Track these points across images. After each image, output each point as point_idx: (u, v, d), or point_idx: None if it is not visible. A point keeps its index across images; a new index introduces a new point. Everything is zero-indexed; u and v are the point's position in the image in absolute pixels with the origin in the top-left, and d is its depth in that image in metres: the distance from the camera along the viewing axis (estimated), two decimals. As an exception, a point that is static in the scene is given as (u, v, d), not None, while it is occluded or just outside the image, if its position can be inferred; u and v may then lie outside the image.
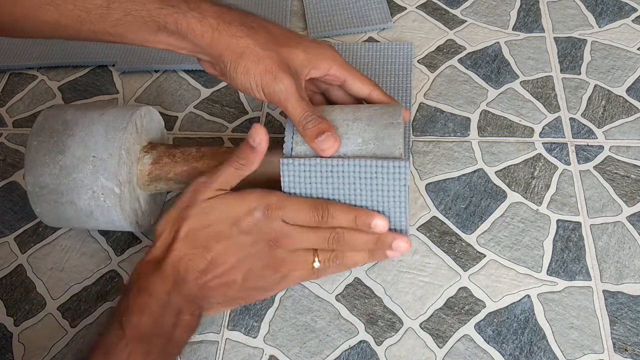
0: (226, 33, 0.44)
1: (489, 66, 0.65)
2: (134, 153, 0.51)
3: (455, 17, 0.70)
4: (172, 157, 0.51)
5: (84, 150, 0.48)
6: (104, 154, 0.48)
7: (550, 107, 0.61)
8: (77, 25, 0.43)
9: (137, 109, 0.51)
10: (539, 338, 0.48)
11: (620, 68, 0.64)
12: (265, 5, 0.73)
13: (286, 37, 0.47)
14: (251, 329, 0.50)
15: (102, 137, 0.48)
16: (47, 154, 0.49)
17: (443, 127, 0.61)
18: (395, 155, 0.44)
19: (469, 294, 0.51)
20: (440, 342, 0.48)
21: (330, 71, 0.47)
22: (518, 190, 0.56)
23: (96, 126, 0.49)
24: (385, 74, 0.64)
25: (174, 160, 0.51)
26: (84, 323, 0.51)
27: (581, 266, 0.51)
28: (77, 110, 0.51)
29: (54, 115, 0.51)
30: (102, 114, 0.50)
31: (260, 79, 0.44)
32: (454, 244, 0.53)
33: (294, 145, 0.46)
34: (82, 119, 0.50)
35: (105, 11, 0.43)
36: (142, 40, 0.45)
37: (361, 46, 0.67)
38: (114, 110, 0.51)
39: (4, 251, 0.56)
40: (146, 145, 0.52)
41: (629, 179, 0.56)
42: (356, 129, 0.45)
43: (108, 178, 0.48)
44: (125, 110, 0.51)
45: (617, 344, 0.47)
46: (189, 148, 0.52)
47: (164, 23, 0.43)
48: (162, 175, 0.50)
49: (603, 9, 0.69)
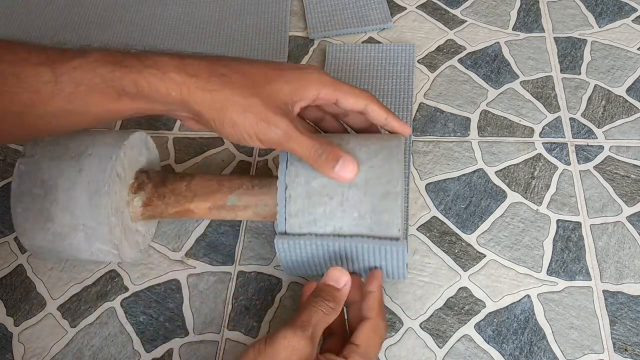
0: (196, 87, 0.39)
1: (489, 66, 0.65)
2: (123, 201, 0.48)
3: (455, 17, 0.70)
4: (162, 198, 0.49)
5: (71, 218, 0.46)
6: (92, 223, 0.46)
7: (550, 107, 0.61)
8: (29, 109, 0.38)
9: (117, 157, 0.47)
10: (539, 338, 0.48)
11: (620, 68, 0.64)
12: (265, 5, 0.73)
13: (263, 74, 0.42)
14: (251, 329, 0.50)
15: (86, 204, 0.46)
16: (35, 221, 0.47)
17: (443, 127, 0.61)
18: (393, 234, 0.43)
19: (469, 294, 0.51)
20: (440, 342, 0.48)
21: (319, 95, 0.44)
22: (518, 190, 0.56)
23: (77, 190, 0.46)
24: (386, 75, 0.64)
25: (164, 202, 0.49)
26: (84, 323, 0.52)
27: (581, 266, 0.51)
28: (52, 164, 0.47)
29: (29, 174, 0.47)
30: (80, 170, 0.46)
31: (252, 129, 0.40)
32: (454, 244, 0.53)
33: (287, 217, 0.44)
34: (60, 179, 0.46)
35: (55, 87, 0.37)
36: (106, 110, 0.40)
37: (362, 47, 0.67)
38: (92, 162, 0.47)
39: (4, 251, 0.56)
40: (133, 183, 0.50)
41: (629, 179, 0.56)
42: (352, 199, 0.43)
43: (103, 242, 0.47)
44: (105, 160, 0.47)
45: (617, 344, 0.47)
46: (177, 184, 0.49)
47: (121, 87, 0.38)
48: (156, 215, 0.50)
49: (603, 9, 0.69)
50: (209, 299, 0.52)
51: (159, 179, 0.50)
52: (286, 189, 0.44)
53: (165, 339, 0.50)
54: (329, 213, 0.44)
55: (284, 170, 0.45)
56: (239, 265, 0.54)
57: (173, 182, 0.50)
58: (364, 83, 0.64)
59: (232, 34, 0.70)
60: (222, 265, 0.54)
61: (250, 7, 0.73)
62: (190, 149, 0.62)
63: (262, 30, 0.70)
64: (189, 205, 0.49)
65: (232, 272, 0.53)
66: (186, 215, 0.50)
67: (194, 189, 0.49)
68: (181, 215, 0.50)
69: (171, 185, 0.50)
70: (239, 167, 0.60)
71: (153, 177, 0.50)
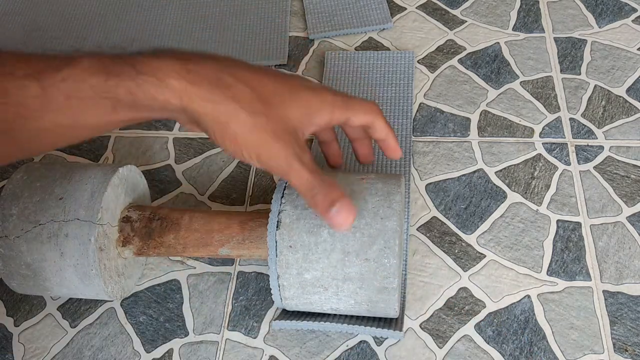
0: (198, 98, 0.36)
1: (489, 66, 0.65)
2: (114, 260, 0.48)
3: (455, 18, 0.70)
4: (153, 249, 0.48)
5: (67, 291, 0.47)
6: (90, 293, 0.47)
7: (550, 108, 0.61)
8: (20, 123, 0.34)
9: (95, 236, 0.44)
10: (539, 338, 0.48)
11: (620, 68, 0.64)
12: (265, 6, 0.73)
13: (273, 90, 0.38)
14: (251, 329, 0.50)
15: (79, 284, 0.46)
16: (32, 291, 0.48)
17: (443, 128, 0.61)
18: (391, 315, 0.45)
19: (469, 294, 0.51)
20: (440, 343, 0.48)
21: (332, 121, 0.41)
22: (518, 191, 0.56)
23: (66, 273, 0.45)
24: (385, 83, 0.64)
25: (156, 252, 0.48)
26: (84, 323, 0.52)
27: (581, 266, 0.51)
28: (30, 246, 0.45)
29: (11, 258, 0.45)
30: (62, 254, 0.45)
31: (254, 150, 0.37)
32: (454, 244, 0.53)
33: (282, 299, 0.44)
34: (45, 262, 0.45)
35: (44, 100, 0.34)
36: (103, 122, 0.36)
37: (361, 55, 0.67)
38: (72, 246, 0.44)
39: (4, 251, 0.56)
40: (118, 237, 0.48)
41: (629, 179, 0.56)
42: (347, 291, 0.42)
43: (104, 298, 0.48)
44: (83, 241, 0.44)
45: (617, 344, 0.47)
46: (165, 236, 0.47)
47: (115, 97, 0.35)
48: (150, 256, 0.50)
49: (603, 9, 0.69)
50: (209, 299, 0.52)
51: (145, 231, 0.48)
52: (278, 277, 0.43)
53: (165, 339, 0.50)
54: (324, 299, 0.44)
55: (274, 259, 0.43)
56: (239, 266, 0.54)
57: (160, 234, 0.48)
58: (363, 90, 0.63)
59: (232, 34, 0.70)
60: (222, 266, 0.54)
61: (250, 7, 0.73)
62: (190, 149, 0.62)
63: (262, 30, 0.70)
64: (183, 254, 0.49)
65: (232, 273, 0.53)
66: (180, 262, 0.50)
67: (182, 241, 0.47)
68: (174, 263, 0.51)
69: (159, 238, 0.48)
70: (239, 167, 0.60)
71: (138, 228, 0.48)
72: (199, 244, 0.47)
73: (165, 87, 0.35)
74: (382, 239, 0.41)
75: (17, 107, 0.33)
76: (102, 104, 0.35)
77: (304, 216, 0.42)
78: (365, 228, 0.42)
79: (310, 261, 0.42)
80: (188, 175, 0.60)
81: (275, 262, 0.43)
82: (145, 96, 0.35)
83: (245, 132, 0.36)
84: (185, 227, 0.48)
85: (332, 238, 0.42)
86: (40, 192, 0.46)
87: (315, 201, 0.38)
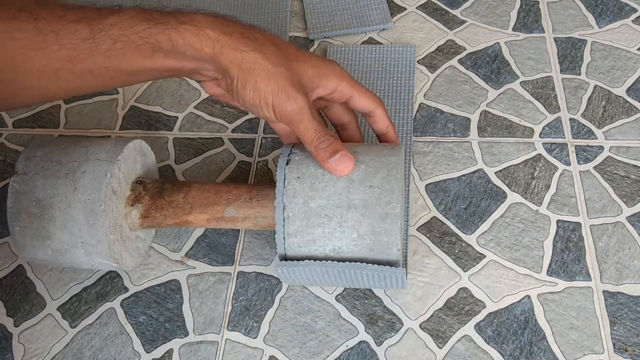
0: (229, 46, 0.40)
1: (489, 66, 0.65)
2: (120, 216, 0.48)
3: (455, 18, 0.70)
4: (160, 209, 0.49)
5: (69, 236, 0.46)
6: (91, 240, 0.46)
7: (550, 108, 0.61)
8: (68, 66, 0.38)
9: (112, 174, 0.46)
10: (539, 338, 0.48)
11: (620, 68, 0.64)
12: (265, 6, 0.73)
13: (293, 50, 0.44)
14: (251, 330, 0.50)
15: (84, 223, 0.46)
16: (33, 238, 0.47)
17: (443, 128, 0.61)
18: (392, 256, 0.43)
19: (469, 294, 0.51)
20: (440, 343, 0.48)
21: (338, 88, 0.45)
22: (518, 191, 0.56)
23: (74, 209, 0.46)
24: (387, 77, 0.64)
25: (162, 214, 0.49)
26: (84, 324, 0.52)
27: (581, 267, 0.51)
28: (47, 182, 0.46)
29: (24, 194, 0.47)
30: (75, 189, 0.46)
31: (271, 98, 0.41)
32: (454, 244, 0.53)
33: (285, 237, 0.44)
34: (56, 198, 0.46)
35: (93, 44, 0.38)
36: (139, 68, 0.40)
37: (363, 49, 0.67)
38: (86, 180, 0.46)
39: (4, 251, 0.56)
40: (130, 196, 0.49)
41: (629, 180, 0.56)
42: (351, 220, 0.43)
43: (104, 257, 0.47)
44: (99, 177, 0.46)
45: (617, 344, 0.47)
46: (175, 195, 0.49)
47: (157, 43, 0.39)
48: (154, 226, 0.50)
49: (603, 9, 0.69)
50: (209, 299, 0.52)
51: (156, 191, 0.50)
52: (284, 209, 0.44)
53: (165, 339, 0.50)
54: (327, 234, 0.43)
55: (281, 190, 0.44)
56: (238, 266, 0.54)
57: (170, 194, 0.49)
58: (365, 84, 0.63)
59: (232, 34, 0.70)
60: (222, 266, 0.54)
61: (250, 7, 0.73)
62: (190, 149, 0.62)
63: (262, 31, 0.70)
64: (187, 217, 0.49)
65: (232, 273, 0.53)
66: (184, 225, 0.50)
67: (191, 200, 0.49)
68: (179, 225, 0.50)
69: (169, 197, 0.49)
70: (239, 167, 0.60)
71: (150, 188, 0.50)
72: (206, 204, 0.48)
73: (202, 35, 0.39)
74: (386, 169, 0.44)
75: (68, 49, 0.37)
76: (143, 49, 0.39)
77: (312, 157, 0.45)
78: (370, 162, 0.44)
79: (316, 189, 0.44)
80: (188, 175, 0.60)
81: (282, 193, 0.44)
82: (183, 42, 0.39)
83: (265, 79, 0.41)
84: (196, 188, 0.50)
85: None
86: (66, 142, 0.50)
87: (319, 150, 0.43)
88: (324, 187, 0.43)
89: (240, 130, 0.63)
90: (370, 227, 0.43)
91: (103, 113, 0.66)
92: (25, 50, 0.36)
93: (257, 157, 0.61)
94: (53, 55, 0.37)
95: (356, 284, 0.46)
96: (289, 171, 0.45)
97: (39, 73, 0.38)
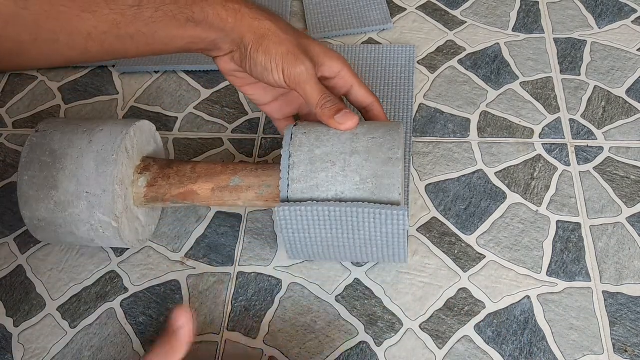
0: (248, 16, 0.45)
1: (489, 67, 0.65)
2: (128, 178, 0.49)
3: (455, 18, 0.70)
4: (167, 178, 0.50)
5: (76, 185, 0.47)
6: (97, 190, 0.47)
7: (550, 108, 0.61)
8: (114, 30, 0.42)
9: (127, 132, 0.49)
10: (538, 339, 0.48)
11: (620, 69, 0.64)
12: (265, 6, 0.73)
13: (302, 32, 0.48)
14: (251, 330, 0.50)
15: (93, 172, 0.47)
16: (39, 189, 0.48)
17: (443, 128, 0.61)
18: (394, 198, 0.44)
19: (468, 294, 0.51)
20: (440, 343, 0.48)
21: (340, 74, 0.48)
22: (518, 191, 0.56)
23: (86, 158, 0.48)
24: (386, 76, 0.64)
25: (169, 183, 0.50)
26: (84, 324, 0.52)
27: (581, 267, 0.51)
28: (64, 137, 0.49)
29: (40, 145, 0.49)
30: (91, 142, 0.48)
31: (281, 60, 0.45)
32: (453, 244, 0.53)
33: (290, 182, 0.45)
34: (70, 149, 0.48)
35: (138, 11, 0.42)
36: (171, 37, 0.44)
37: (363, 48, 0.67)
38: (102, 135, 0.49)
39: (4, 252, 0.56)
40: (139, 165, 0.51)
41: (629, 180, 0.56)
42: (354, 164, 0.44)
43: (104, 213, 0.47)
44: (115, 134, 0.49)
45: (617, 345, 0.47)
46: (183, 166, 0.51)
47: (191, 14, 0.44)
48: (159, 197, 0.50)
49: (603, 10, 0.70)
50: (209, 299, 0.52)
51: (165, 162, 0.52)
52: (290, 156, 0.45)
53: (165, 339, 0.50)
54: (331, 178, 0.44)
55: (288, 141, 0.46)
56: (238, 266, 0.54)
57: (179, 165, 0.51)
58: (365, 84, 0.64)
59: (232, 34, 0.70)
60: (222, 266, 0.54)
61: (250, 8, 0.73)
62: (190, 149, 0.62)
63: (262, 31, 0.70)
64: (193, 186, 0.50)
65: (231, 273, 0.53)
66: (189, 198, 0.50)
67: (198, 170, 0.50)
68: (184, 197, 0.50)
69: (176, 167, 0.51)
70: (239, 167, 0.60)
71: (159, 160, 0.52)
72: (213, 174, 0.50)
73: (228, 7, 0.45)
74: (388, 126, 0.47)
75: (116, 14, 0.41)
76: (179, 18, 0.43)
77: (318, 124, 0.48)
78: (373, 124, 0.47)
79: (321, 141, 0.46)
80: (188, 175, 0.60)
81: (289, 144, 0.46)
82: (214, 13, 0.44)
83: (277, 43, 0.45)
84: (204, 162, 0.51)
85: None
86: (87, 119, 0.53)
87: (324, 110, 0.46)
88: (329, 138, 0.46)
89: (240, 131, 0.63)
90: (373, 170, 0.44)
91: (103, 113, 0.66)
92: (79, 12, 0.40)
93: (256, 158, 0.61)
94: (103, 18, 0.41)
95: (357, 233, 0.45)
96: (296, 130, 0.47)
97: (88, 34, 0.41)
